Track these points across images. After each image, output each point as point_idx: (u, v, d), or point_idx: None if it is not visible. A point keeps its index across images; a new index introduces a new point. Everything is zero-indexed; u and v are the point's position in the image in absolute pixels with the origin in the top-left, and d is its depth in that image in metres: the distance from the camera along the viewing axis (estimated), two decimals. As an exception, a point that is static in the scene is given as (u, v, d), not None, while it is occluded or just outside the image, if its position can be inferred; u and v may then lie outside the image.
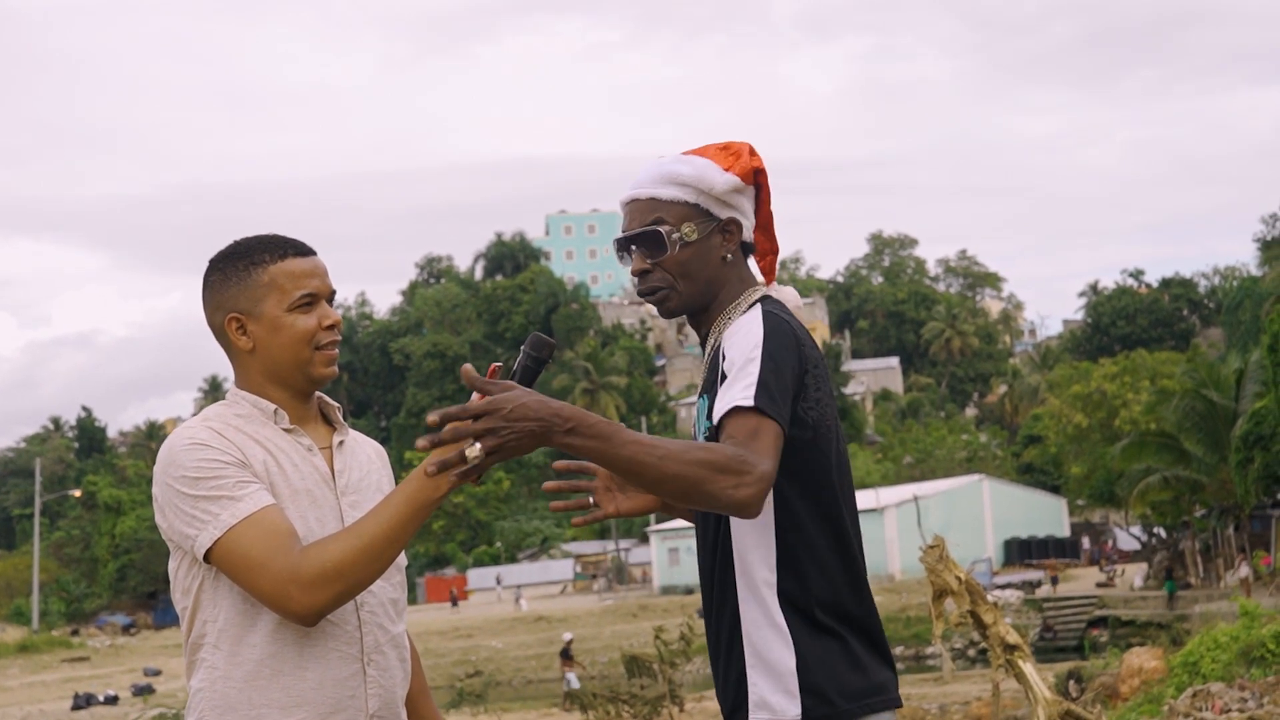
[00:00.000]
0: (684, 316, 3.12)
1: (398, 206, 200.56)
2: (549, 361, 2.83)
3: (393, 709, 2.96)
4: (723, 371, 2.87)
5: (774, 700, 2.85)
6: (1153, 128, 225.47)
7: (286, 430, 2.95)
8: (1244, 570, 43.37)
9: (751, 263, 3.19)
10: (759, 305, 2.99)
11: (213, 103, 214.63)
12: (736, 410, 2.74)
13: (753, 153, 3.11)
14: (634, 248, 3.06)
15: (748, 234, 3.12)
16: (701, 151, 3.10)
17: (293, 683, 2.82)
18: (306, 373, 2.96)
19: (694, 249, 3.04)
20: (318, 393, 3.06)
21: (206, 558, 2.78)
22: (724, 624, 2.92)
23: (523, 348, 2.81)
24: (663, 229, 3.03)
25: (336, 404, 3.10)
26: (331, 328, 2.98)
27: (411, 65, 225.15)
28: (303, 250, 3.00)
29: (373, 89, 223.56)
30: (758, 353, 2.81)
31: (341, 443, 3.04)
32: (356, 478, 3.02)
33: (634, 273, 3.07)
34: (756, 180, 3.12)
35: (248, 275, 2.94)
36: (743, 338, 2.87)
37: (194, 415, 2.98)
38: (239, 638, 2.82)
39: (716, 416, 2.78)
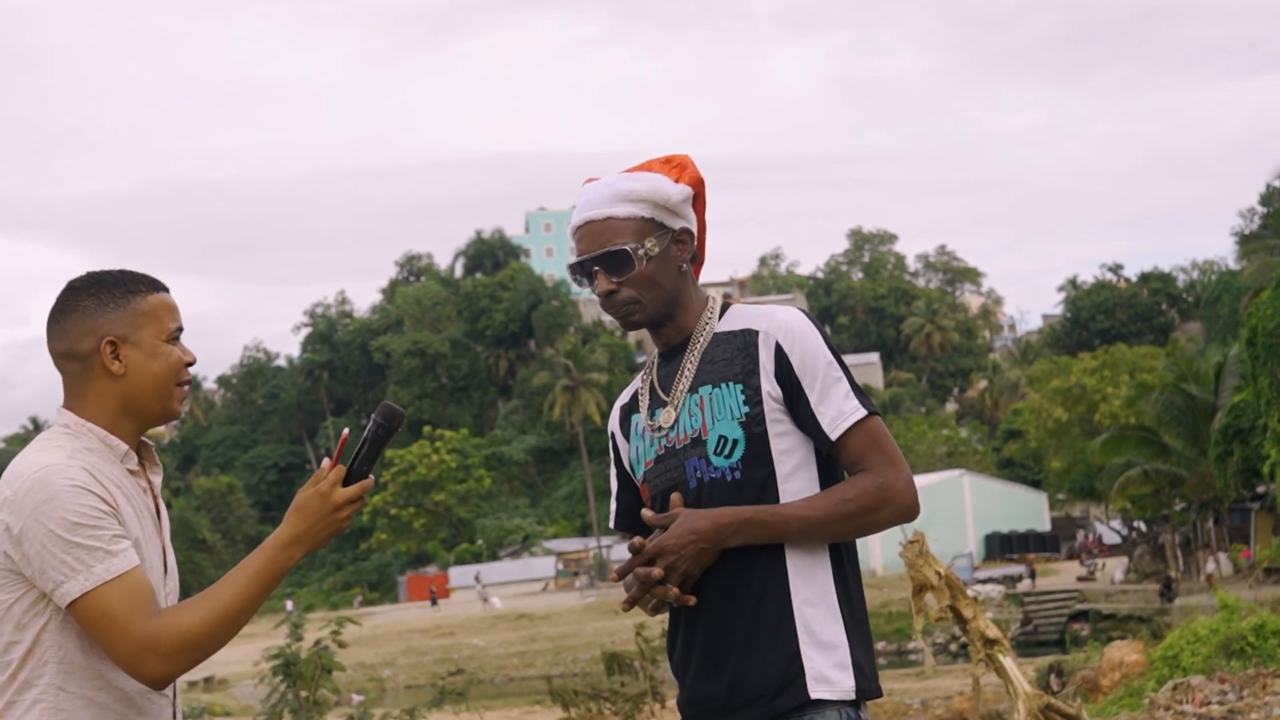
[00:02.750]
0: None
1: (377, 204, 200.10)
2: (397, 430, 2.92)
3: None
4: (795, 373, 3.04)
5: (832, 674, 2.98)
6: (1130, 122, 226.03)
7: (131, 472, 2.94)
8: (1210, 566, 43.62)
9: None
10: (780, 305, 3.19)
11: (190, 100, 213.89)
12: (853, 426, 3.02)
13: (693, 164, 3.21)
14: (597, 269, 3.14)
15: (694, 242, 3.22)
16: (646, 166, 3.20)
17: None
18: (166, 405, 2.97)
19: (657, 262, 3.14)
20: None
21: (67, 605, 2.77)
22: (768, 606, 3.00)
23: (373, 415, 2.90)
24: (628, 247, 3.11)
25: (151, 442, 3.08)
26: (189, 365, 3.01)
27: (390, 61, 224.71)
28: (167, 287, 3.02)
29: (351, 85, 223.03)
30: (829, 356, 3.08)
31: (158, 483, 3.06)
32: (163, 512, 3.05)
33: (600, 294, 3.17)
34: (697, 190, 3.23)
35: (127, 302, 2.94)
36: (801, 338, 3.07)
37: (44, 441, 2.91)
38: (85, 680, 2.82)
39: (834, 432, 3.01)
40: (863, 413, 3.03)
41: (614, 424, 3.37)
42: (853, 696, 2.98)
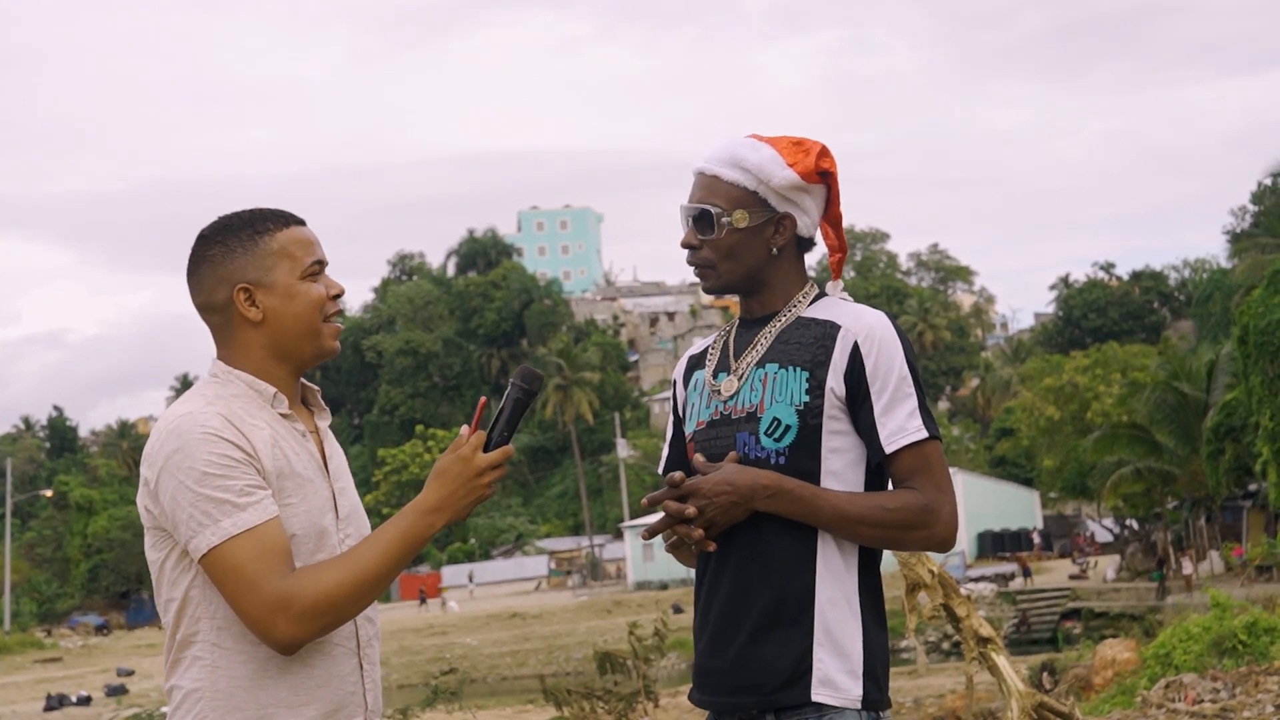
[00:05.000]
0: (731, 293, 3.20)
1: (368, 202, 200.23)
2: (538, 394, 2.86)
3: (380, 704, 2.92)
4: (866, 377, 2.98)
5: (840, 680, 2.93)
6: (1122, 119, 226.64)
7: (283, 415, 2.84)
8: (1187, 568, 43.66)
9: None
10: (867, 307, 3.10)
11: (180, 97, 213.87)
12: (910, 445, 2.97)
13: (823, 154, 3.14)
14: (690, 220, 3.12)
15: (804, 230, 3.16)
16: (774, 142, 3.14)
17: (300, 680, 2.75)
18: (317, 344, 2.87)
19: (743, 236, 3.10)
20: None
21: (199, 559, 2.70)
22: (790, 596, 2.95)
23: (512, 380, 2.84)
24: (714, 210, 3.08)
25: (316, 387, 3.00)
26: (336, 298, 2.91)
27: (381, 59, 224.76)
28: (302, 220, 2.94)
29: (342, 83, 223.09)
30: (906, 370, 3.01)
31: (325, 428, 2.97)
32: (339, 462, 2.95)
33: (683, 245, 3.14)
34: (826, 181, 3.16)
35: (255, 244, 2.84)
36: (882, 344, 3.00)
37: (189, 393, 2.83)
38: (242, 634, 2.72)
39: (890, 446, 2.96)
40: (924, 434, 2.97)
41: (678, 372, 3.33)
42: (858, 706, 2.92)
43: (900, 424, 2.96)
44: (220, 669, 2.73)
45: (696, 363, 3.27)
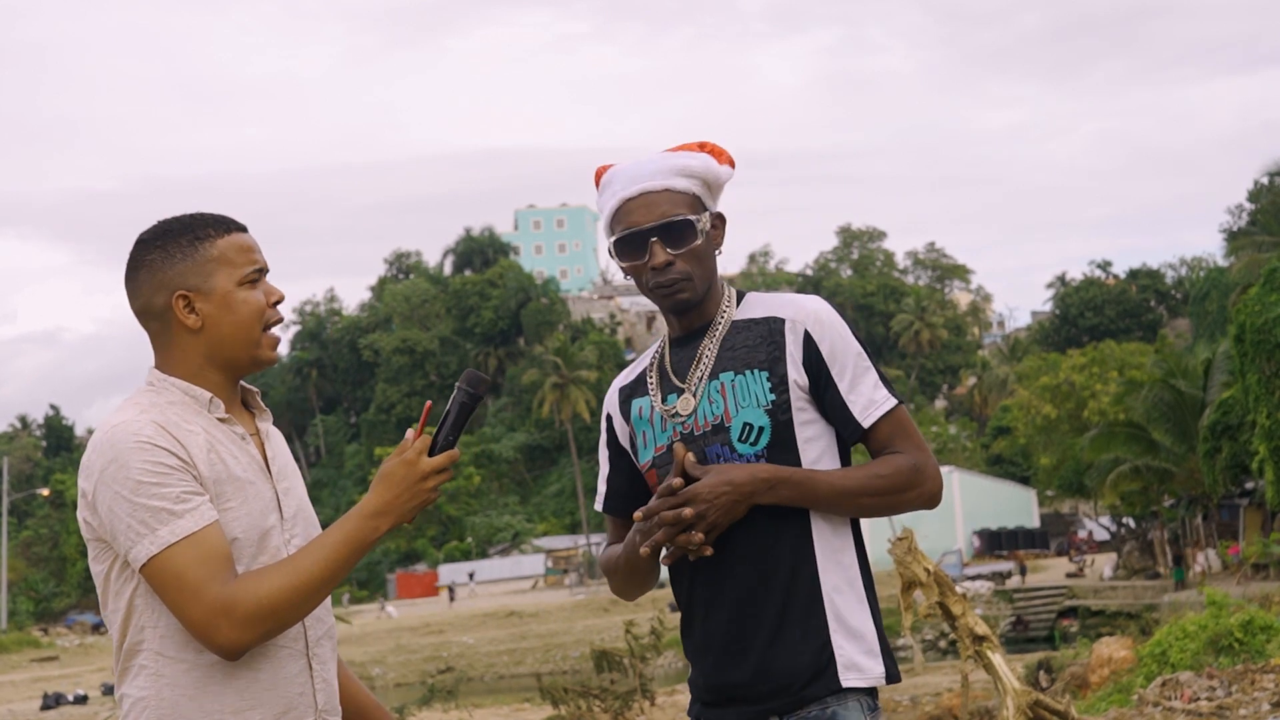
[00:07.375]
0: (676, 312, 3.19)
1: (365, 200, 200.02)
2: (484, 398, 2.84)
3: (334, 702, 2.89)
4: (824, 361, 3.03)
5: (862, 661, 2.99)
6: (1119, 119, 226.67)
7: (221, 420, 2.81)
8: (1200, 563, 43.67)
9: None
10: (795, 294, 3.17)
11: (176, 96, 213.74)
12: (884, 415, 3.04)
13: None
14: (654, 240, 3.06)
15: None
16: (685, 148, 3.17)
17: (246, 685, 2.72)
18: (253, 354, 2.84)
19: (705, 241, 3.11)
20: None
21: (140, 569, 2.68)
22: (799, 592, 2.98)
23: (458, 384, 2.82)
24: (691, 218, 3.08)
25: (255, 389, 2.96)
26: (276, 304, 2.86)
27: (377, 57, 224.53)
28: (243, 226, 2.89)
29: (338, 81, 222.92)
30: (857, 345, 3.07)
31: (267, 430, 2.94)
32: (283, 463, 2.92)
33: (655, 266, 3.07)
34: None
35: (195, 250, 2.81)
36: (831, 327, 3.06)
37: (124, 402, 2.81)
38: (186, 643, 2.70)
39: (867, 420, 3.02)
40: (893, 402, 3.04)
41: (611, 405, 3.29)
42: (883, 683, 2.99)
43: (870, 397, 3.03)
44: (164, 677, 2.72)
45: (632, 391, 3.24)
